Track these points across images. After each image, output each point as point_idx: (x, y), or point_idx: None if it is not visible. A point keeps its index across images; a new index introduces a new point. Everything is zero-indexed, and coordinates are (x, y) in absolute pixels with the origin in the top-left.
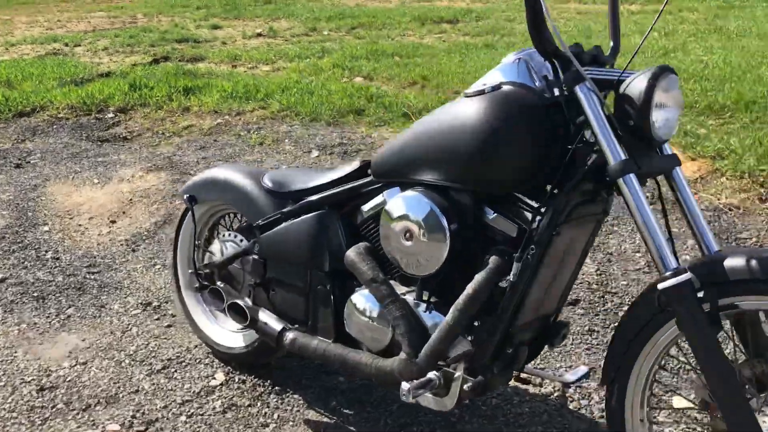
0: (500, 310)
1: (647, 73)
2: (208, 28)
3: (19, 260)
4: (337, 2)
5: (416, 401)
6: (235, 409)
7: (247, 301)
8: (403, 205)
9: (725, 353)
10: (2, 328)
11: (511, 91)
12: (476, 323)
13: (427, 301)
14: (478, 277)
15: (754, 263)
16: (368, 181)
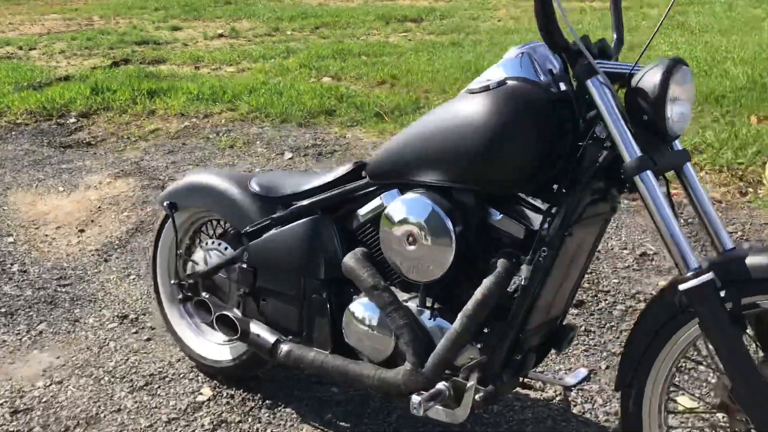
0: (511, 314)
1: (660, 66)
2: (167, 29)
3: None
4: (299, 1)
5: (426, 414)
6: (225, 426)
7: (236, 312)
8: (404, 208)
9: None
10: None
11: (517, 86)
12: (486, 330)
13: (430, 307)
14: (486, 281)
15: None
16: (363, 183)
